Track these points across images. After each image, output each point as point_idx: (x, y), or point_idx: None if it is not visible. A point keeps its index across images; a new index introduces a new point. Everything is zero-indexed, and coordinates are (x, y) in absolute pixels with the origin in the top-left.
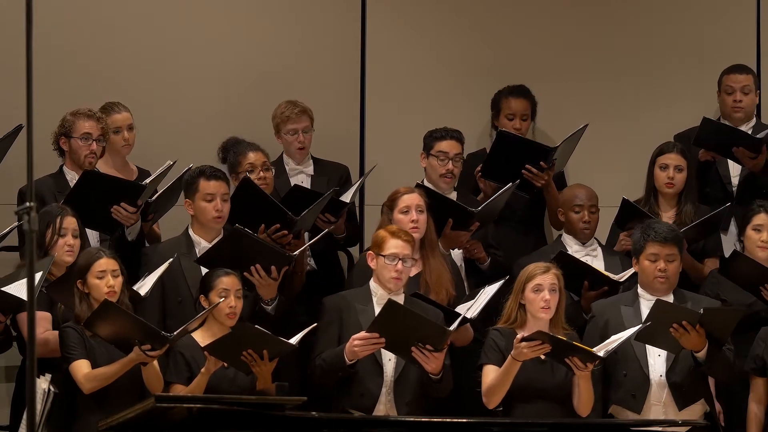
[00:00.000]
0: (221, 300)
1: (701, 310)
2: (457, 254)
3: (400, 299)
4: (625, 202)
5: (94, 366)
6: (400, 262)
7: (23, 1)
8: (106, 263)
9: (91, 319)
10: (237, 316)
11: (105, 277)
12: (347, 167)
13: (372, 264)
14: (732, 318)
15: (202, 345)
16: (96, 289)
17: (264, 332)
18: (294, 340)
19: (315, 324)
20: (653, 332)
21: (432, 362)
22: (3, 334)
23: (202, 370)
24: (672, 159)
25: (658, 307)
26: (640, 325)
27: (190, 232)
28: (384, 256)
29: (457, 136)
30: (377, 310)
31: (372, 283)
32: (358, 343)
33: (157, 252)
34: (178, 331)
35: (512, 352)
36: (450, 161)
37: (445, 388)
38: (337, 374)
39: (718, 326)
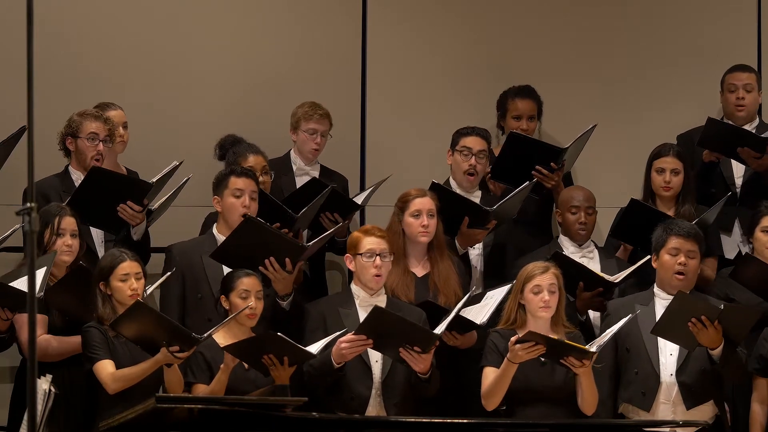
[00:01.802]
0: (248, 306)
1: (721, 306)
2: (476, 253)
3: (382, 300)
4: (633, 201)
5: (117, 367)
6: (378, 257)
7: (24, 2)
8: (129, 266)
9: (119, 319)
10: (257, 317)
11: (128, 280)
12: (347, 179)
13: (351, 266)
14: (751, 317)
15: (222, 345)
16: (119, 292)
17: (287, 341)
18: (314, 349)
19: (338, 333)
20: (670, 325)
21: (420, 363)
22: (8, 332)
23: (222, 366)
24: (668, 163)
25: (679, 299)
26: (630, 315)
27: (215, 231)
28: (361, 254)
29: (482, 134)
30: (360, 312)
31: (353, 286)
32: (345, 345)
33: (182, 251)
34: (206, 333)
35: (507, 355)
36: (474, 157)
37: (433, 388)
38: (326, 379)
39: (736, 325)
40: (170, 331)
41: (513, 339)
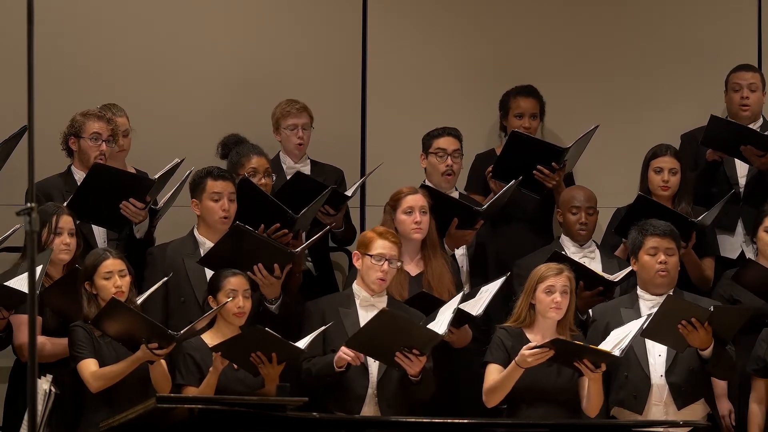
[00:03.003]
0: (228, 300)
1: (711, 308)
2: (460, 253)
3: (383, 301)
4: (641, 197)
5: (101, 365)
6: (387, 262)
7: (24, 2)
8: (112, 264)
9: (99, 316)
10: (245, 316)
11: (112, 278)
12: (342, 171)
13: (357, 264)
14: (741, 317)
15: (211, 346)
16: (104, 290)
17: (274, 336)
18: (302, 345)
19: (323, 327)
20: (660, 328)
21: (416, 366)
22: (5, 331)
23: (211, 369)
24: (666, 162)
25: (669, 302)
26: (645, 317)
27: (196, 233)
28: (371, 255)
29: (454, 133)
30: (360, 313)
31: (355, 286)
32: (346, 350)
33: (163, 253)
34: (184, 330)
35: (516, 359)
36: (449, 157)
37: (426, 390)
38: (326, 379)
39: (726, 325)
40: (148, 328)
41: (526, 346)
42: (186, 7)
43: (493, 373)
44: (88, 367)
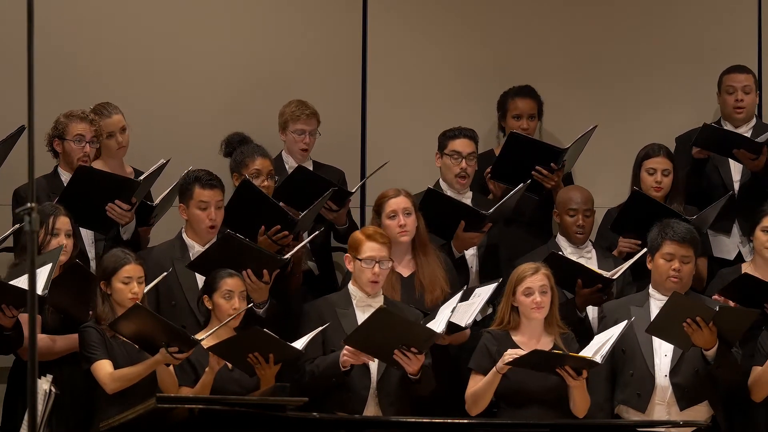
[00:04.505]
0: (247, 307)
1: (717, 308)
2: (470, 254)
3: (379, 301)
4: (636, 193)
5: (115, 366)
6: (377, 264)
7: (24, 2)
8: (132, 269)
9: (118, 320)
10: (241, 317)
11: (130, 283)
12: (344, 172)
13: (349, 267)
14: (746, 319)
15: (206, 346)
16: (120, 293)
17: (272, 336)
18: (300, 345)
19: (320, 328)
20: (664, 325)
21: (415, 364)
22: (14, 330)
23: (207, 369)
24: (659, 163)
25: (674, 300)
26: (626, 322)
27: (184, 236)
28: (360, 259)
29: (470, 135)
30: (357, 313)
31: (351, 287)
32: (348, 352)
33: (152, 256)
34: (205, 336)
35: (496, 365)
36: (464, 160)
37: (426, 387)
38: (330, 380)
39: (731, 326)
40: (169, 332)
41: (506, 353)
42: (186, 7)
43: (476, 383)
44: (104, 368)
